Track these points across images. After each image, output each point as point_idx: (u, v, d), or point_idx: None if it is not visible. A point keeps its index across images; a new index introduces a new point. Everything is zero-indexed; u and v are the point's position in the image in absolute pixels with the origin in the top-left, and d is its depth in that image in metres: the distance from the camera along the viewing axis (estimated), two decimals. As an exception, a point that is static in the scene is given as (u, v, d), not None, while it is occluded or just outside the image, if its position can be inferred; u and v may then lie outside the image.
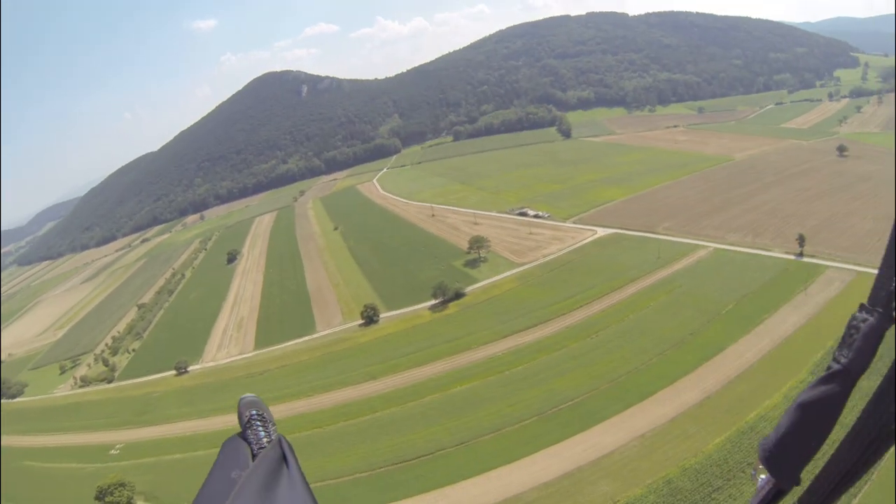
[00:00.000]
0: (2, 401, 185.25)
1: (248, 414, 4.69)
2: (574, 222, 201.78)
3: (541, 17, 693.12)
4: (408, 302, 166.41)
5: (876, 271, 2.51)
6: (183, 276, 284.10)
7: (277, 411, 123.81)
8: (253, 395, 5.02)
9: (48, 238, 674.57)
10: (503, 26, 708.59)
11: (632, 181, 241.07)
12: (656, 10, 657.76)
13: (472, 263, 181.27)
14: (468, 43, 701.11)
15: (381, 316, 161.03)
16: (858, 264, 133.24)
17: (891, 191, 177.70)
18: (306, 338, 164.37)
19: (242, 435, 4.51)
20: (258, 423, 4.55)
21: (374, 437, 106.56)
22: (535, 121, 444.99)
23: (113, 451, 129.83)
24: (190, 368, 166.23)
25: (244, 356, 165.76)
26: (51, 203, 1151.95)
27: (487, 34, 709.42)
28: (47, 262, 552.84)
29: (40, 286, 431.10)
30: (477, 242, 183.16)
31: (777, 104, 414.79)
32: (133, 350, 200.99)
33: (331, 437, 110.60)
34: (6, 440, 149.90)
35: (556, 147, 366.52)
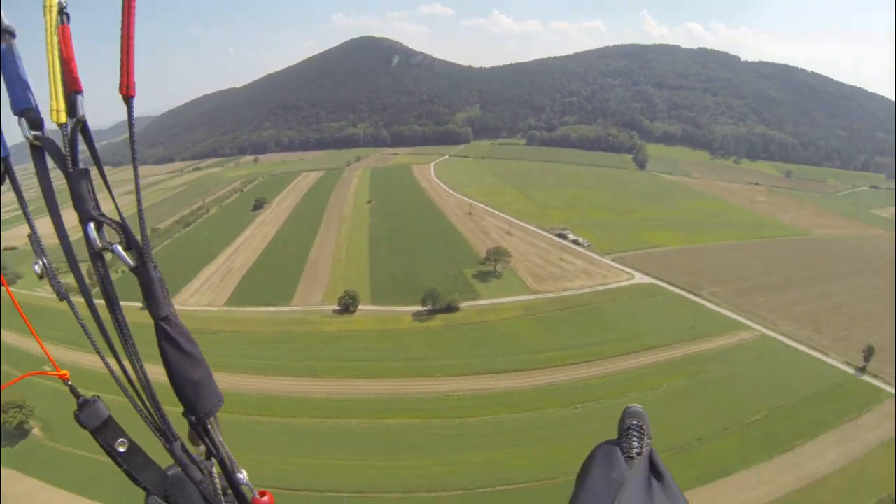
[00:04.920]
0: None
1: (629, 422, 4.99)
2: (613, 259, 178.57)
3: (651, 43, 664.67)
4: (397, 299, 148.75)
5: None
6: (207, 211, 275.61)
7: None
8: (640, 406, 5.28)
9: (118, 146, 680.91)
10: (611, 44, 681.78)
11: (692, 230, 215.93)
12: (770, 60, 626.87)
13: (484, 276, 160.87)
14: (571, 52, 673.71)
15: (360, 308, 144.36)
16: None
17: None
18: (277, 308, 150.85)
19: (617, 441, 4.85)
20: (636, 433, 4.84)
21: (281, 449, 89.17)
22: (614, 144, 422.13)
23: (46, 366, 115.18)
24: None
25: (210, 309, 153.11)
26: (137, 115, 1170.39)
27: (592, 47, 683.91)
28: (107, 167, 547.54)
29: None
30: (495, 254, 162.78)
31: (872, 187, 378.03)
32: (122, 271, 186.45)
33: (236, 431, 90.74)
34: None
35: (625, 175, 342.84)
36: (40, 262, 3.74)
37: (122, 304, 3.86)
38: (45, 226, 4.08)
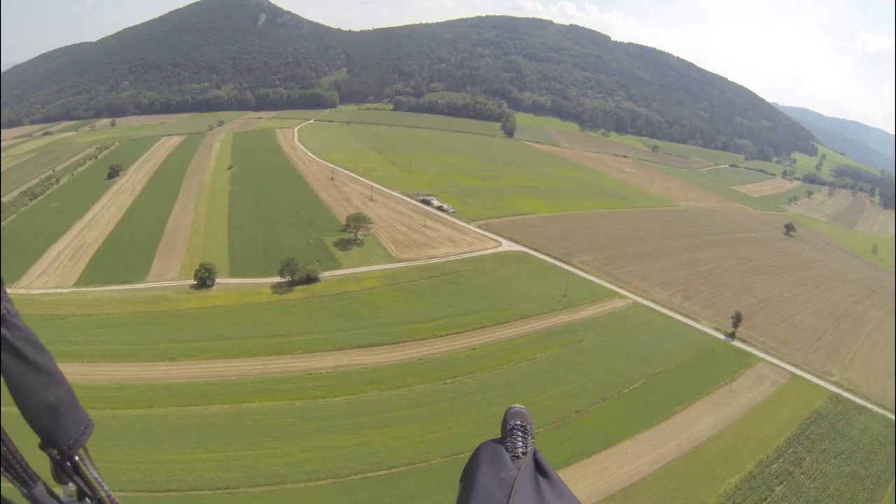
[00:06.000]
0: None
1: (512, 423, 4.95)
2: (479, 226, 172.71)
3: (524, 16, 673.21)
4: (256, 271, 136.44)
5: (814, 377, 2.24)
6: (57, 181, 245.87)
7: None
8: (522, 406, 5.20)
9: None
10: (483, 14, 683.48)
11: (560, 198, 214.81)
12: (640, 42, 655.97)
13: (345, 244, 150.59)
14: (443, 20, 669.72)
15: (218, 281, 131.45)
16: (795, 365, 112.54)
17: (834, 284, 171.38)
18: (131, 286, 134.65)
19: (501, 440, 4.83)
20: (520, 433, 4.83)
21: (139, 445, 75.98)
22: (482, 111, 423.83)
23: None
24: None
25: (58, 291, 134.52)
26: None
27: (466, 16, 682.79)
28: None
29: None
30: (356, 221, 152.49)
31: (732, 166, 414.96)
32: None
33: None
34: None
35: (493, 142, 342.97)
36: None
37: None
38: None
